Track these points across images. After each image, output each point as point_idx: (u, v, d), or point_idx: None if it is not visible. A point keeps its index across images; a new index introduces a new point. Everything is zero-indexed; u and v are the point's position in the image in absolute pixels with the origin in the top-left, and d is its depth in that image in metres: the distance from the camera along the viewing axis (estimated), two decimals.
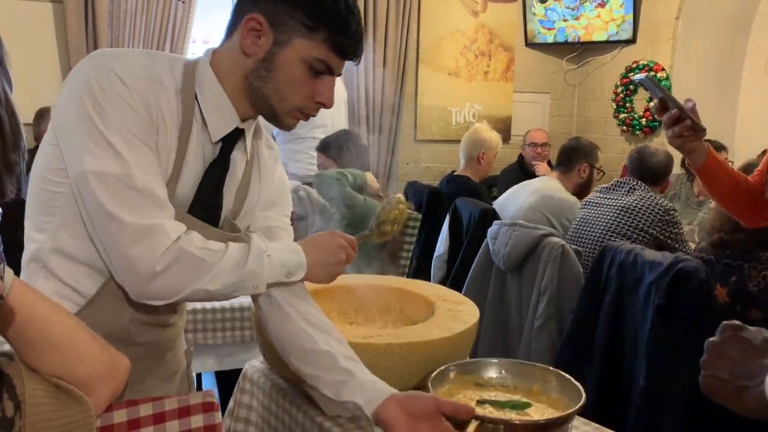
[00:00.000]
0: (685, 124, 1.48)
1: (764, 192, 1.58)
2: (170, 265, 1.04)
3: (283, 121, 1.15)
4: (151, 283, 1.04)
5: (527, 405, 1.17)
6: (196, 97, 1.11)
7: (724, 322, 0.89)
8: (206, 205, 1.15)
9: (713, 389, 0.87)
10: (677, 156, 3.24)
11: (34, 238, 1.12)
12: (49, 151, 1.08)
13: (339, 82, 3.63)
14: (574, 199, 3.03)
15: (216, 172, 1.16)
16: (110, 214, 1.02)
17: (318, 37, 1.07)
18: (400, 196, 1.49)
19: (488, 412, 1.13)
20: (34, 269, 1.12)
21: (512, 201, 3.13)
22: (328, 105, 1.14)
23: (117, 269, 1.06)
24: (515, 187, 3.25)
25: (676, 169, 3.42)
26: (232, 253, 1.08)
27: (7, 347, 0.88)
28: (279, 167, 1.32)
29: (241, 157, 1.20)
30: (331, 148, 2.65)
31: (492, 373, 1.27)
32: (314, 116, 1.17)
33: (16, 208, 1.15)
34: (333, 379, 1.11)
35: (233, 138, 1.16)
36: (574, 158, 3.08)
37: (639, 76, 1.53)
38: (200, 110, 1.12)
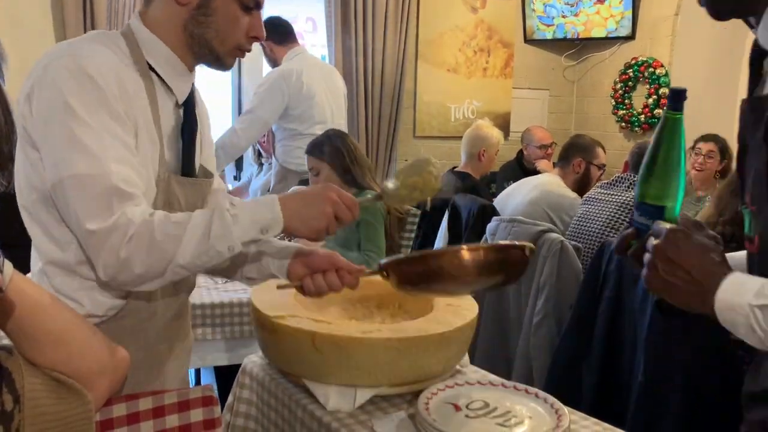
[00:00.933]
0: None
1: None
2: (135, 250, 1.03)
3: (225, 62, 1.21)
4: (121, 273, 1.04)
5: None
6: (151, 67, 1.16)
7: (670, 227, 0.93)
8: (190, 163, 1.23)
9: (661, 288, 0.92)
10: None
11: (53, 252, 1.14)
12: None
13: (338, 77, 3.64)
14: (574, 195, 3.04)
15: (189, 131, 1.23)
16: (81, 224, 1.04)
17: None
18: (431, 158, 1.22)
19: None
20: (69, 278, 1.14)
21: (513, 197, 3.14)
22: (261, 37, 1.21)
23: (97, 270, 1.07)
24: (516, 183, 3.26)
25: None
26: (196, 221, 1.06)
27: (6, 341, 0.88)
28: (201, 98, 1.38)
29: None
30: (318, 149, 2.60)
31: None
32: (249, 51, 1.23)
33: (11, 202, 1.14)
34: (253, 266, 1.32)
35: (191, 94, 1.24)
36: (571, 154, 3.12)
37: None
38: (159, 78, 1.17)
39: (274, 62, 3.45)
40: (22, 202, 1.15)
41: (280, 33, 3.43)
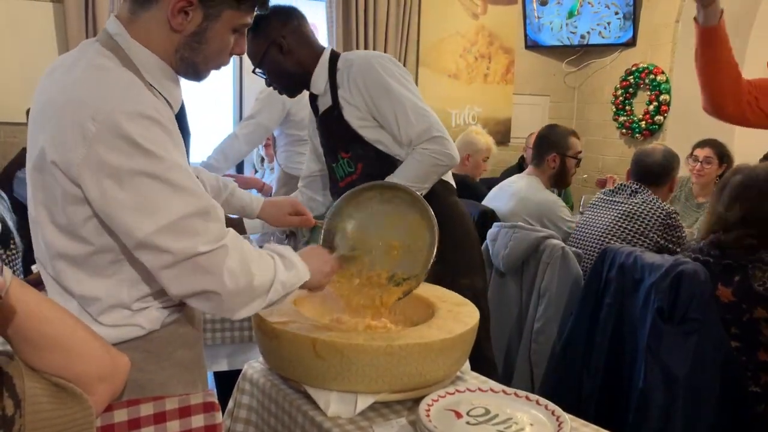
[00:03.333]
0: None
1: (749, 91, 1.88)
2: (249, 260, 1.10)
3: (203, 77, 1.23)
4: (246, 285, 1.08)
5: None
6: (151, 84, 1.13)
7: None
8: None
9: None
10: (682, 154, 3.20)
11: (94, 285, 1.11)
12: (87, 224, 1.06)
13: None
14: (554, 197, 2.96)
15: (187, 137, 1.24)
16: (193, 250, 1.03)
17: (245, 6, 1.15)
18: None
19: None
20: (120, 312, 1.12)
21: (496, 202, 3.07)
22: (243, 53, 1.24)
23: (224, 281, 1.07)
24: (496, 188, 3.15)
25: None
26: (279, 266, 1.16)
27: (7, 346, 0.88)
28: None
29: None
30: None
31: None
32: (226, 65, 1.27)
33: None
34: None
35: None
36: (543, 150, 2.95)
37: None
38: (160, 93, 1.15)
39: None
40: (59, 269, 1.10)
41: None
